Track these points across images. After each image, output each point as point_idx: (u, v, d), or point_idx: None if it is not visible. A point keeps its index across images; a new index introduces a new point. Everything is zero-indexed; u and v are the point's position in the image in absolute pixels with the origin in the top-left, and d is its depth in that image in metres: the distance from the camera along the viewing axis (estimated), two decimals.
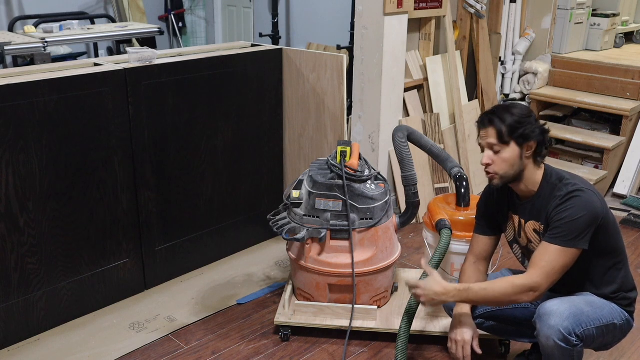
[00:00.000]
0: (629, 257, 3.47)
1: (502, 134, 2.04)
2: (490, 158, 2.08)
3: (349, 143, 2.66)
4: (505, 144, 2.05)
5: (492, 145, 2.07)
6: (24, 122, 2.42)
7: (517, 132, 2.04)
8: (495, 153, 2.07)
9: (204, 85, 3.00)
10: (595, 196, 2.01)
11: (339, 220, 2.60)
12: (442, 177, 3.98)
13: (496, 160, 2.07)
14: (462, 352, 2.14)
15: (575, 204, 1.97)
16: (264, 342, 2.67)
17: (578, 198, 1.98)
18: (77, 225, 2.68)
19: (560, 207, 1.99)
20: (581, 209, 1.96)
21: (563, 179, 2.06)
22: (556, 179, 2.08)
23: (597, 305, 2.05)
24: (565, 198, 1.99)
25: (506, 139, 2.05)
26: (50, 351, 2.58)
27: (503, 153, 2.06)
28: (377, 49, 3.64)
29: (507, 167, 2.07)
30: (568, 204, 1.98)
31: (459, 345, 2.15)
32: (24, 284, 2.57)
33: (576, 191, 1.99)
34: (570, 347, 1.95)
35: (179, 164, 2.99)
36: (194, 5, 7.36)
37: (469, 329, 2.17)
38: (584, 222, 1.96)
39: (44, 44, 4.46)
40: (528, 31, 4.83)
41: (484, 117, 2.11)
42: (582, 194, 1.98)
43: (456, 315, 2.22)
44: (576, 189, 1.99)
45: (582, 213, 1.96)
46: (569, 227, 1.96)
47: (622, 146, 4.39)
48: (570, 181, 2.04)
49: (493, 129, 2.06)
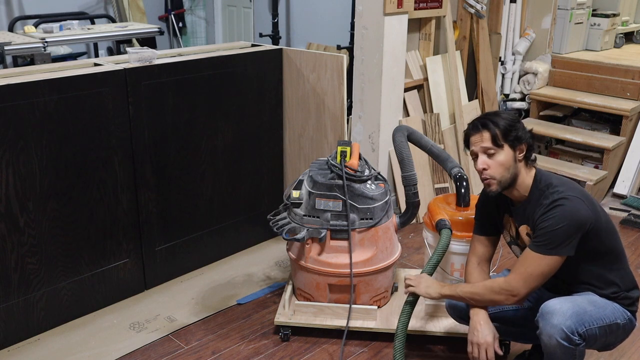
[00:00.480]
0: (629, 257, 3.48)
1: (497, 136, 2.05)
2: (485, 162, 2.08)
3: (349, 143, 2.66)
4: (500, 147, 2.06)
5: (486, 149, 2.07)
6: (24, 122, 2.42)
7: (510, 135, 2.06)
8: (489, 157, 2.07)
9: (204, 85, 3.00)
10: (583, 203, 1.99)
11: (339, 220, 2.60)
12: (442, 177, 3.98)
13: (492, 164, 2.07)
14: (485, 354, 2.11)
15: (557, 213, 1.97)
16: (264, 342, 2.67)
17: (561, 207, 1.97)
18: (77, 225, 2.68)
19: (544, 215, 2.00)
20: (562, 219, 1.96)
21: (550, 186, 2.06)
22: (545, 185, 2.08)
23: (599, 304, 2.05)
24: (549, 207, 2.00)
25: (500, 142, 2.06)
26: (50, 351, 2.58)
27: (498, 156, 2.06)
28: (377, 49, 3.64)
29: (503, 171, 2.07)
30: (550, 213, 1.99)
31: (482, 347, 2.11)
32: (24, 284, 2.57)
33: (560, 199, 1.99)
34: (573, 346, 1.95)
35: (179, 164, 3.00)
36: (194, 5, 7.36)
37: (489, 331, 2.14)
38: (564, 232, 1.96)
39: (44, 44, 4.46)
40: (528, 31, 4.83)
41: (475, 123, 2.12)
42: (567, 202, 1.98)
43: (474, 319, 2.17)
44: (560, 197, 1.99)
45: (562, 223, 1.96)
46: (550, 237, 1.97)
47: (622, 146, 4.39)
48: (557, 189, 2.03)
49: (487, 133, 2.07)
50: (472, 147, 2.12)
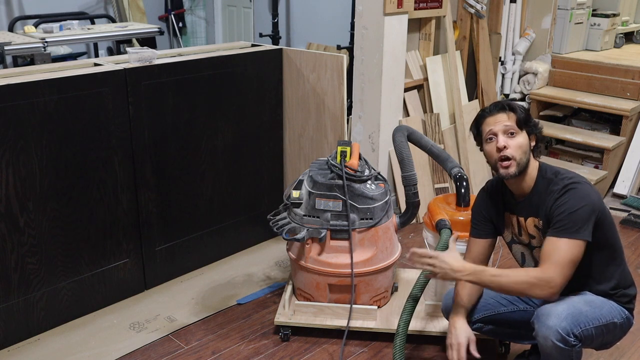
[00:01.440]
0: (629, 257, 3.49)
1: (520, 119, 2.08)
2: (506, 142, 2.07)
3: (349, 143, 2.67)
4: (520, 130, 2.08)
5: (509, 128, 2.07)
6: (24, 122, 2.42)
7: (530, 121, 2.11)
8: (510, 137, 2.07)
9: (204, 85, 3.00)
10: (592, 188, 2.03)
11: (339, 220, 2.60)
12: (442, 177, 3.98)
13: (512, 144, 2.07)
14: (457, 354, 2.14)
15: (573, 195, 1.98)
16: (264, 342, 2.67)
17: (575, 190, 1.99)
18: (77, 225, 2.68)
19: (559, 200, 2.00)
20: (581, 200, 1.97)
21: (558, 174, 2.08)
22: (551, 173, 2.10)
23: (596, 304, 2.04)
24: (563, 191, 2.00)
25: (522, 126, 2.08)
26: (50, 351, 2.58)
27: (518, 138, 2.07)
28: (377, 49, 3.64)
29: (521, 154, 2.07)
30: (566, 196, 1.99)
31: (454, 348, 2.15)
32: (24, 284, 2.57)
33: (573, 183, 2.01)
34: (569, 348, 1.94)
35: (179, 164, 3.00)
36: (194, 5, 7.36)
37: (463, 332, 2.18)
38: (585, 212, 1.96)
39: (44, 44, 4.46)
40: (528, 31, 4.83)
41: (498, 103, 2.13)
42: (579, 185, 2.00)
43: (451, 322, 2.24)
44: (572, 182, 2.02)
45: (582, 203, 1.96)
46: (572, 219, 1.96)
47: (622, 146, 4.39)
48: (566, 175, 2.06)
49: (513, 113, 2.08)
50: (492, 127, 2.09)
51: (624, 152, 4.40)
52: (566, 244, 1.96)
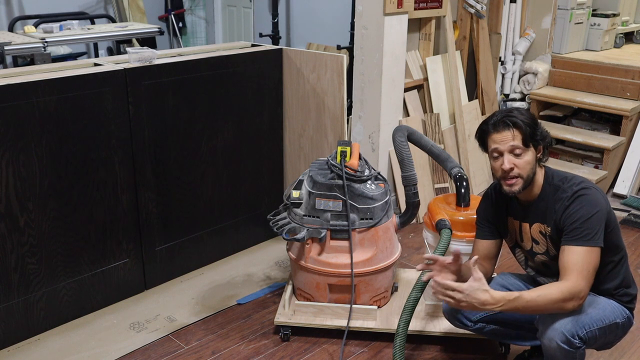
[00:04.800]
0: (629, 257, 3.48)
1: (527, 136, 2.01)
2: (512, 162, 2.01)
3: (349, 143, 2.67)
4: (527, 147, 2.02)
5: (515, 148, 2.01)
6: (24, 122, 2.42)
7: (537, 134, 2.03)
8: (516, 156, 2.02)
9: (204, 85, 3.00)
10: (599, 193, 2.02)
11: (339, 220, 2.60)
12: (442, 177, 3.98)
13: (519, 163, 2.02)
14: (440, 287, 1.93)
15: (584, 202, 1.97)
16: (264, 342, 2.67)
17: (585, 197, 1.98)
18: (77, 225, 2.68)
19: (570, 208, 1.98)
20: (593, 206, 1.96)
21: (565, 180, 2.06)
22: (558, 180, 2.07)
23: (599, 305, 2.04)
24: (573, 198, 1.99)
25: (529, 142, 2.02)
26: (50, 351, 2.58)
27: (525, 155, 2.02)
28: (377, 49, 3.64)
29: (529, 170, 2.03)
30: (576, 204, 1.98)
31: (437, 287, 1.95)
32: (24, 284, 2.57)
33: (582, 189, 2.00)
34: (573, 350, 1.94)
35: (179, 164, 2.99)
36: (194, 5, 7.36)
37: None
38: (598, 219, 1.96)
39: (44, 44, 4.46)
40: (528, 31, 4.83)
41: (503, 120, 2.02)
42: (588, 191, 1.99)
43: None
44: (581, 188, 2.00)
45: (594, 210, 1.96)
46: (587, 226, 1.94)
47: (622, 146, 4.39)
48: (574, 181, 2.04)
49: (519, 132, 2.00)
50: (497, 145, 2.04)
51: (624, 152, 4.40)
52: (585, 252, 1.94)
